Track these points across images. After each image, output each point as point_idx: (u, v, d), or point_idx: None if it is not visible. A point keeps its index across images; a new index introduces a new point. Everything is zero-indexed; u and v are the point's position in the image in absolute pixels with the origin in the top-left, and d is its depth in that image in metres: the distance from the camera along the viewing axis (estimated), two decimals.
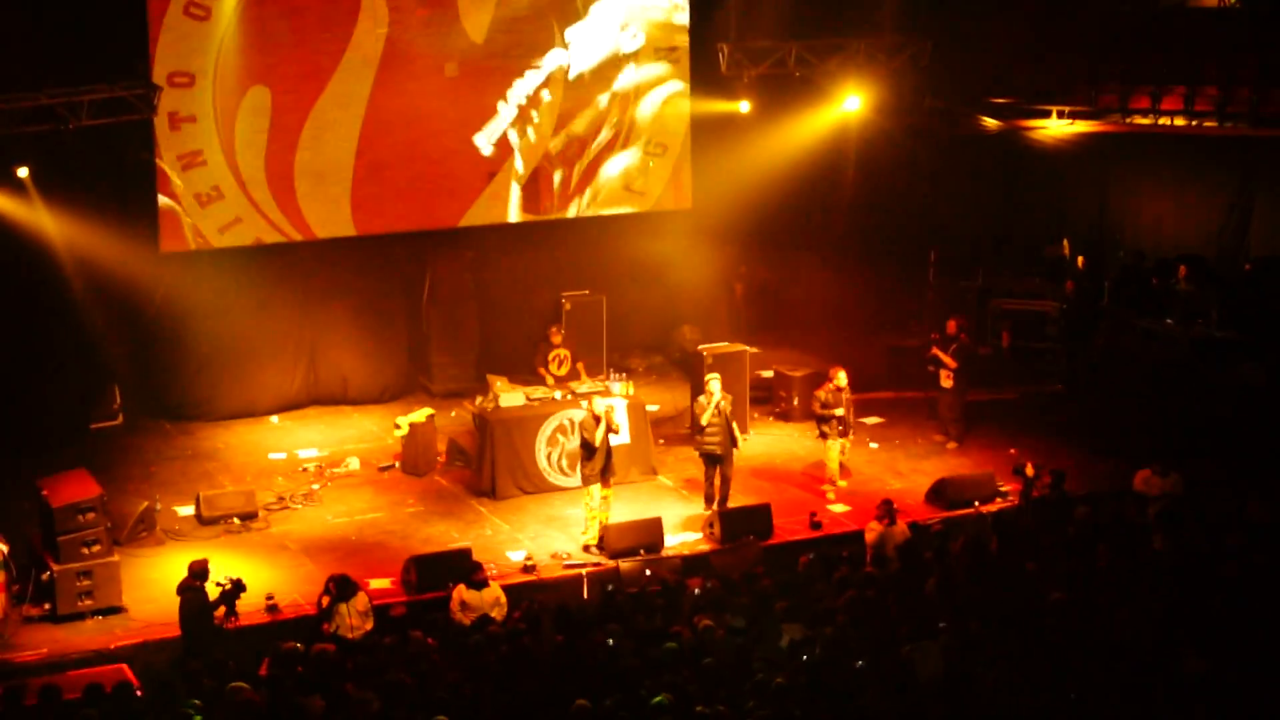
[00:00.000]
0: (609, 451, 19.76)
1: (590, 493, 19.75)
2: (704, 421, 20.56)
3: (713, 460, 20.55)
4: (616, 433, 20.03)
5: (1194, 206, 25.69)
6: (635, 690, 13.46)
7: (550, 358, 23.72)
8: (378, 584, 18.36)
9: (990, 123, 27.22)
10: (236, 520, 20.39)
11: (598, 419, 19.68)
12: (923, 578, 16.73)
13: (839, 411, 21.38)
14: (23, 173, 21.36)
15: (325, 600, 16.88)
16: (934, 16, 26.25)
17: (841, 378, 21.51)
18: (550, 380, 23.08)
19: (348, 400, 25.06)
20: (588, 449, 19.74)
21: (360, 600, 16.91)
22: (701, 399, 20.75)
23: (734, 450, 20.66)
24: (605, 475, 19.75)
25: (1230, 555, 16.77)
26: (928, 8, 26.26)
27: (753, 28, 25.52)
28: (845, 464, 21.72)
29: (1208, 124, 25.73)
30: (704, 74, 25.69)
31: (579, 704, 13.01)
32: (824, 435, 21.59)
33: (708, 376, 20.98)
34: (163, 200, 22.66)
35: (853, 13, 25.95)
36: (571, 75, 25.00)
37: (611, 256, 26.33)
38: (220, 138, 22.87)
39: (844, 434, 21.52)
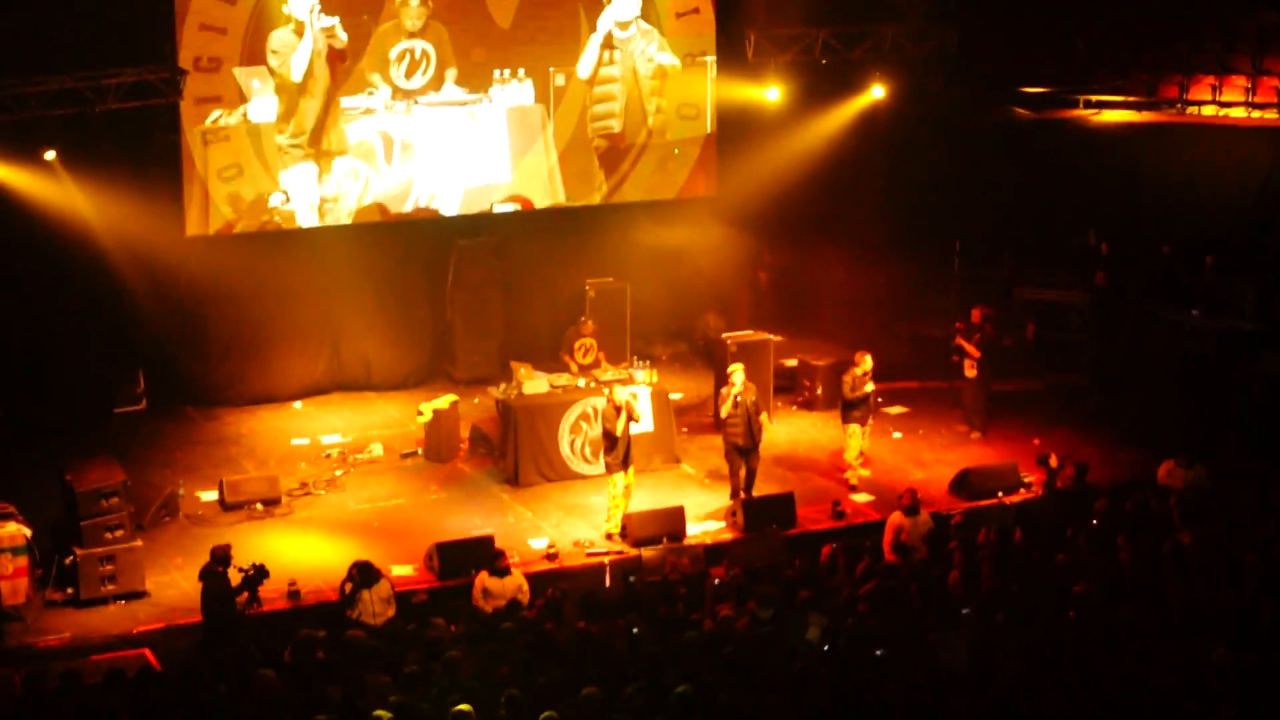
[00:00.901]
0: (629, 440, 19.76)
1: (614, 481, 19.76)
2: (723, 414, 20.52)
3: (739, 451, 20.50)
4: (637, 421, 20.02)
5: (1222, 196, 25.53)
6: (657, 679, 13.42)
7: (577, 346, 23.66)
8: (400, 571, 18.38)
9: (1017, 111, 27.09)
10: (259, 506, 20.43)
11: (618, 409, 19.66)
12: (946, 568, 16.69)
13: (869, 388, 21.21)
14: (50, 155, 21.38)
15: (348, 586, 16.89)
16: (962, 4, 26.14)
17: (867, 362, 21.35)
18: (574, 368, 23.05)
19: (371, 386, 25.07)
20: (610, 439, 19.73)
21: (383, 587, 16.90)
22: (724, 389, 20.69)
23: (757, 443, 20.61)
24: (626, 463, 19.76)
25: (1255, 546, 16.70)
26: None
27: (780, 15, 25.41)
28: (866, 453, 21.61)
29: (1235, 113, 25.62)
30: (731, 61, 25.56)
31: (588, 691, 12.96)
32: (851, 420, 21.43)
33: (730, 367, 20.85)
34: (188, 184, 22.60)
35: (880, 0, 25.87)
36: (596, 54, 24.85)
37: (636, 243, 26.22)
38: (247, 122, 22.83)
39: (863, 420, 21.39)
